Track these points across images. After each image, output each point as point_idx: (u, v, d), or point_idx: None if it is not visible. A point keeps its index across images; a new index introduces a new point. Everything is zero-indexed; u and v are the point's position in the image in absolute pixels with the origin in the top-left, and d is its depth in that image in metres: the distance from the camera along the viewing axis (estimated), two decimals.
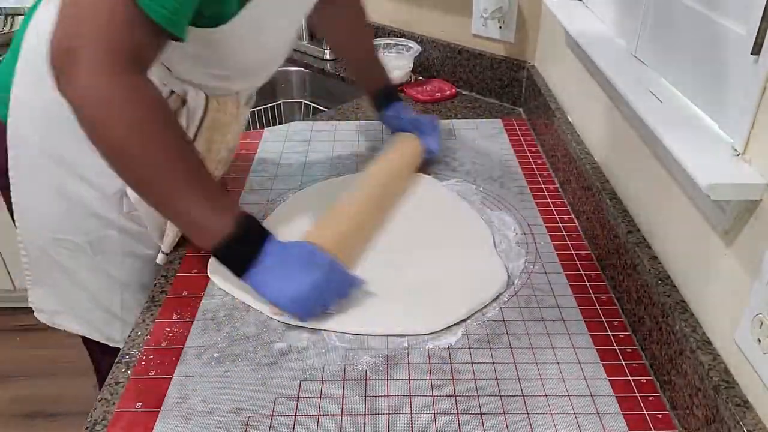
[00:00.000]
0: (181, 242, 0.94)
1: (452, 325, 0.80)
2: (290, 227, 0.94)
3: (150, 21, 0.65)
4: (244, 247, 0.76)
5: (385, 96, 1.18)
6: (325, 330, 0.80)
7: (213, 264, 0.89)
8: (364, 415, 0.69)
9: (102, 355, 1.02)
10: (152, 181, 0.72)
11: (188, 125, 0.86)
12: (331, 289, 0.79)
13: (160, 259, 0.91)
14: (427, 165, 1.16)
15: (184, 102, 0.85)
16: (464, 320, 0.81)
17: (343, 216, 0.91)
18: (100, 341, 0.99)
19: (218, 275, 0.87)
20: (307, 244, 0.80)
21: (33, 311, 1.00)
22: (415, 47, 1.52)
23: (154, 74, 0.80)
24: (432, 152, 1.15)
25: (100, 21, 0.64)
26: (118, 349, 0.77)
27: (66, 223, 0.90)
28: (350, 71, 1.20)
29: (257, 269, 0.76)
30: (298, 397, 0.71)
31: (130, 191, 0.86)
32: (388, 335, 0.79)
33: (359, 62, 1.21)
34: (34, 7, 0.86)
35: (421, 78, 1.58)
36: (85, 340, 1.02)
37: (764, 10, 0.57)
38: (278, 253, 0.77)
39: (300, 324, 0.80)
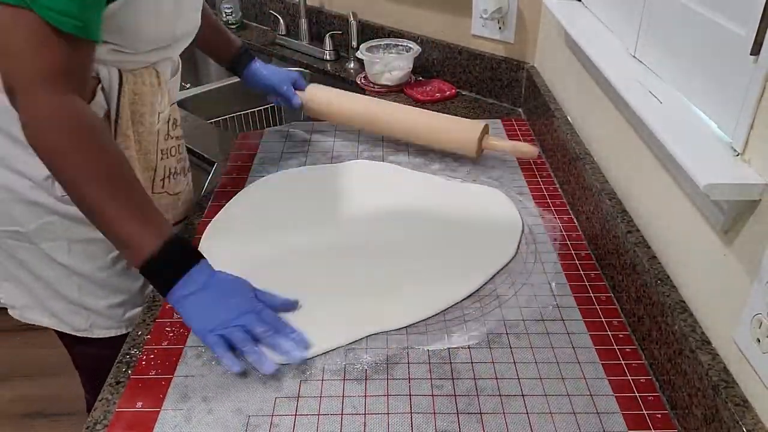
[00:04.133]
0: None
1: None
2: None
3: (64, 34, 0.69)
4: (166, 270, 0.76)
5: (242, 57, 1.22)
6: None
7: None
8: (364, 414, 0.69)
9: (76, 346, 1.01)
10: (80, 194, 0.75)
11: (108, 102, 0.87)
12: (253, 316, 0.77)
13: None
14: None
15: (99, 81, 0.85)
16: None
17: None
18: (68, 332, 0.98)
19: None
20: (231, 276, 0.80)
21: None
22: (415, 47, 1.52)
23: None
24: (300, 86, 1.25)
25: (19, 52, 0.69)
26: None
27: (5, 214, 0.89)
28: (201, 47, 1.21)
29: (177, 294, 0.76)
30: (298, 397, 0.71)
31: None
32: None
33: (207, 37, 1.19)
34: None
35: (421, 78, 1.58)
36: (59, 335, 1.01)
37: (764, 10, 0.58)
38: (203, 281, 0.77)
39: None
